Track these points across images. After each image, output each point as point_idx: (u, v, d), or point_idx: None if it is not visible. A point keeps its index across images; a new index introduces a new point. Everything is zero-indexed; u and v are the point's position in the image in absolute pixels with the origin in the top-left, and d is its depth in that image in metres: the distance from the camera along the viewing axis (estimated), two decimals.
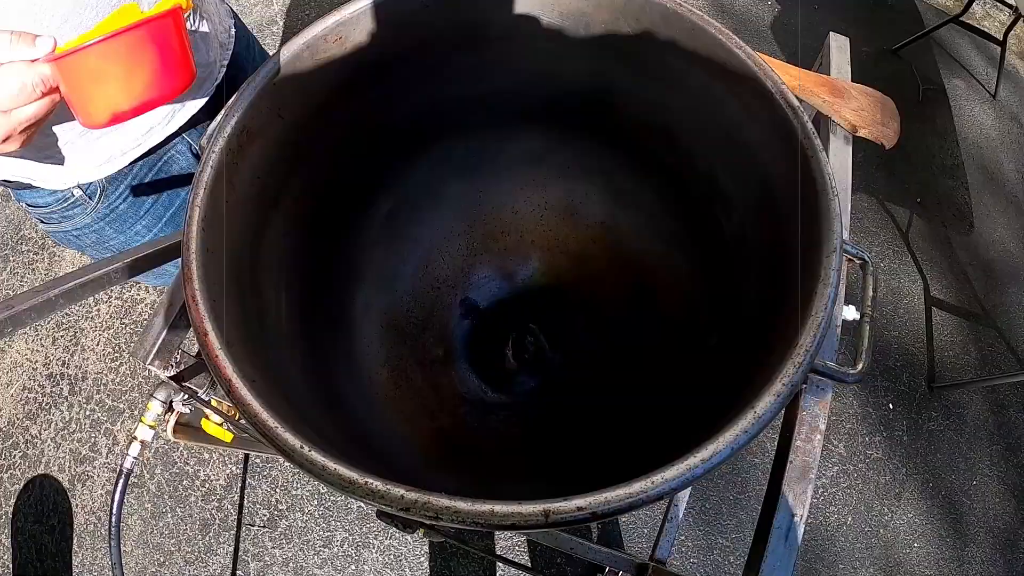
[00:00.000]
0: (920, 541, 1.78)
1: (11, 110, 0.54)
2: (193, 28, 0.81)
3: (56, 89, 0.55)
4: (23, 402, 1.84)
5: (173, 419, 0.87)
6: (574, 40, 0.79)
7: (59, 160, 0.78)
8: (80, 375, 1.86)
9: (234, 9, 0.96)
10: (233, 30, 0.92)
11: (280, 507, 1.67)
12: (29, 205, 0.86)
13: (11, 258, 2.05)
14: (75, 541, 1.66)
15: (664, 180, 0.88)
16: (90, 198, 0.84)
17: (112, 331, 1.92)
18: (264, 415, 0.48)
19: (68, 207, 0.85)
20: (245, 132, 0.64)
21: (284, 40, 2.49)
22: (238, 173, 0.64)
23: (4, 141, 0.56)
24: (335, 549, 1.63)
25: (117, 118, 0.57)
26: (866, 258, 0.71)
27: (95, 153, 0.80)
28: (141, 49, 0.54)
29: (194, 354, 0.78)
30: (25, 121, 0.55)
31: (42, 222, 0.89)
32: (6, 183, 0.81)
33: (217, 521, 1.66)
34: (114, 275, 0.65)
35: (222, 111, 0.64)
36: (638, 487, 0.44)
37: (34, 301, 0.58)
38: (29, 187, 0.82)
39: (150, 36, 0.55)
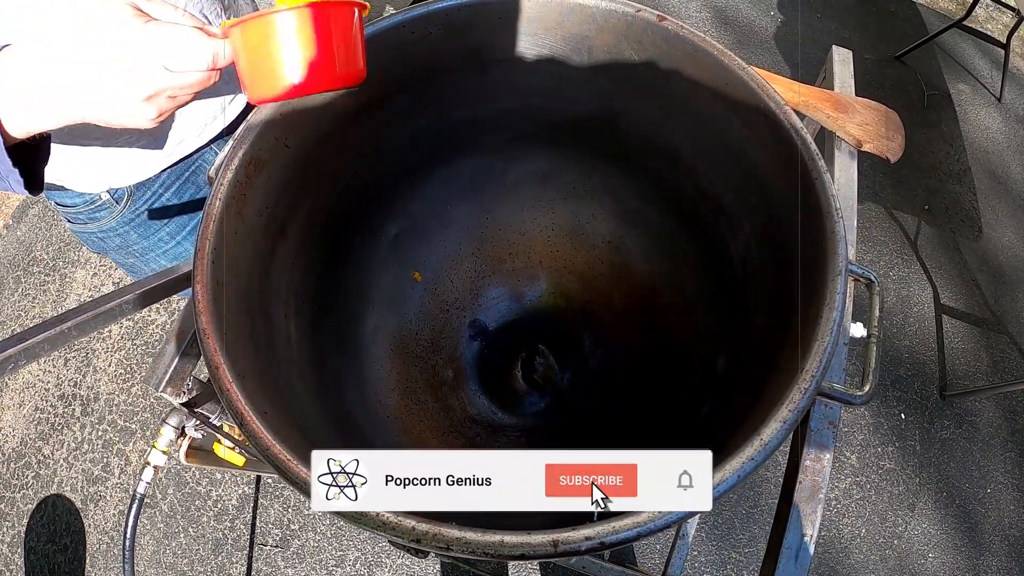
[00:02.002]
0: (935, 551, 1.76)
1: (180, 72, 0.52)
2: None
3: (220, 70, 0.55)
4: (36, 422, 1.85)
5: (185, 444, 0.87)
6: (577, 63, 0.80)
7: (92, 164, 0.79)
8: (92, 395, 1.87)
9: None
10: None
11: (292, 527, 1.67)
12: (58, 204, 0.88)
13: (23, 280, 2.07)
14: (88, 561, 1.66)
15: (670, 200, 0.88)
16: (117, 202, 0.86)
17: (124, 352, 1.93)
18: (276, 448, 0.48)
19: (95, 209, 0.87)
20: (253, 163, 0.65)
21: None
22: (246, 203, 0.65)
23: (149, 98, 0.53)
24: (348, 569, 1.63)
25: (280, 96, 0.56)
26: (872, 278, 0.71)
27: (127, 160, 0.81)
28: (319, 29, 0.54)
29: (205, 380, 0.79)
30: (181, 88, 0.54)
31: (69, 221, 0.91)
32: None
33: (230, 541, 1.67)
34: (126, 306, 0.65)
35: (230, 142, 0.65)
36: (646, 516, 0.45)
37: (47, 334, 0.59)
38: (59, 188, 0.83)
39: (331, 19, 0.55)
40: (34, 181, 0.59)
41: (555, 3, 0.75)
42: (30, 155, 0.57)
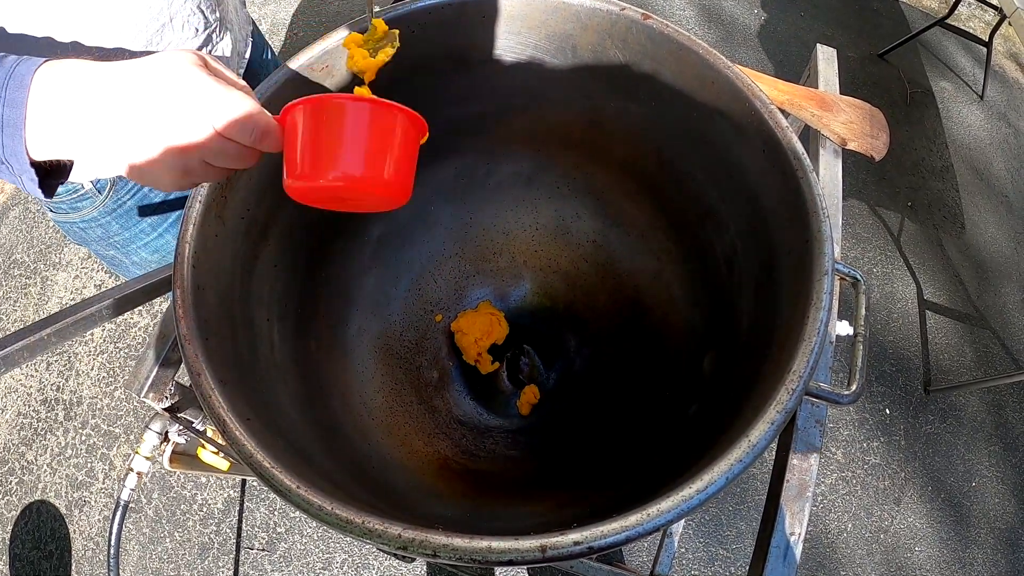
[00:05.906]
0: (921, 545, 1.77)
1: (227, 136, 0.49)
2: (219, 38, 0.83)
3: (259, 154, 0.52)
4: (18, 428, 1.83)
5: (169, 449, 0.86)
6: (561, 62, 0.79)
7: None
8: (75, 400, 1.86)
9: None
10: (250, 39, 0.93)
11: (279, 530, 1.66)
12: None
13: (4, 283, 2.05)
14: (73, 567, 1.65)
15: (655, 199, 0.88)
16: (99, 192, 0.85)
17: (106, 356, 1.91)
18: (259, 456, 0.48)
19: (77, 199, 0.85)
20: None
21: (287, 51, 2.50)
22: (227, 207, 0.64)
23: (184, 151, 0.48)
24: (335, 572, 1.62)
25: (322, 188, 0.51)
26: (858, 277, 0.71)
27: None
28: (380, 133, 0.50)
29: (188, 385, 0.78)
30: (216, 156, 0.50)
31: (52, 211, 0.90)
32: None
33: (216, 545, 1.65)
34: (105, 312, 0.65)
35: None
36: (634, 519, 0.44)
37: (26, 341, 0.58)
38: None
39: (404, 129, 0.52)
40: (47, 186, 0.53)
41: (539, 1, 0.74)
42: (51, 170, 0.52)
